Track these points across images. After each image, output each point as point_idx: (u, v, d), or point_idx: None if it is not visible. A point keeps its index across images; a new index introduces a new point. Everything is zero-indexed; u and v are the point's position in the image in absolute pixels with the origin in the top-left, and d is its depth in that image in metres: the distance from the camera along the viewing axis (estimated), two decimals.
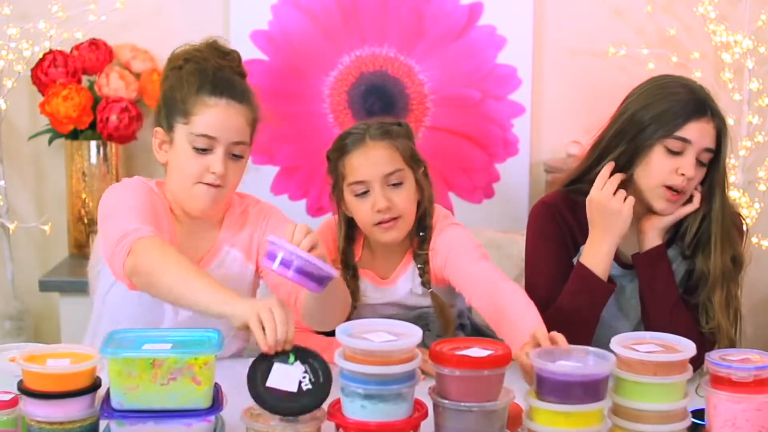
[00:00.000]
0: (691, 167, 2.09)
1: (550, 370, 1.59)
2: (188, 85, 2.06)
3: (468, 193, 3.16)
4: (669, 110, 2.11)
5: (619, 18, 3.13)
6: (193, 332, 1.72)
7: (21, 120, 3.15)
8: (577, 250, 2.22)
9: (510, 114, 3.12)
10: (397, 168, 2.22)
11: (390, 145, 2.23)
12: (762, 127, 3.05)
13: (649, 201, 2.16)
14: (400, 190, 2.22)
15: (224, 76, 2.09)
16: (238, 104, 2.07)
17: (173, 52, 2.16)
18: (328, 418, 1.62)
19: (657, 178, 2.12)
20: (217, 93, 2.05)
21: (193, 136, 2.03)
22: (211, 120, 2.03)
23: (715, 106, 2.15)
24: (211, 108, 2.04)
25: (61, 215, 3.10)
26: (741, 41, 2.98)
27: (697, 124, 2.10)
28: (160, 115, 2.11)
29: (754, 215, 3.01)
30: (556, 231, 2.22)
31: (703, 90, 2.17)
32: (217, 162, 2.03)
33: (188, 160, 2.04)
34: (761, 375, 1.63)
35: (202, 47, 2.13)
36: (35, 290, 2.97)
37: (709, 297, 2.16)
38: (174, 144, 2.07)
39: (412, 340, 1.63)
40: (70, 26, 3.03)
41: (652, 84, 2.19)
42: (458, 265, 2.20)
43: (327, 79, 3.11)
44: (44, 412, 1.61)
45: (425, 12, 3.08)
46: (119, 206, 2.01)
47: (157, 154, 2.12)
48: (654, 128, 2.11)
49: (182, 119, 2.05)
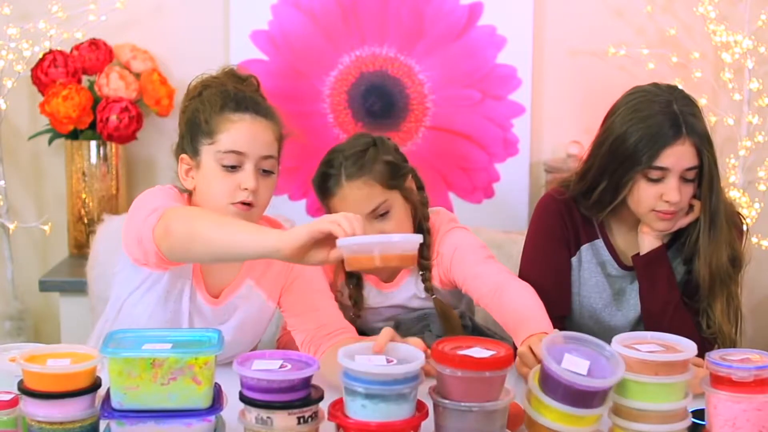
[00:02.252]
0: (674, 192, 2.07)
1: (556, 371, 1.59)
2: (211, 105, 2.01)
3: (468, 193, 3.16)
4: (642, 141, 2.06)
5: (619, 18, 3.14)
6: (194, 332, 1.72)
7: (21, 120, 3.15)
8: (578, 250, 2.22)
9: (510, 114, 3.12)
10: (379, 202, 2.20)
11: (366, 183, 2.20)
12: (762, 127, 3.05)
13: (648, 223, 2.16)
14: (388, 219, 2.21)
15: (246, 94, 2.04)
16: (264, 119, 2.02)
17: (190, 84, 2.11)
18: (329, 418, 1.62)
19: (644, 205, 2.11)
20: (242, 109, 2.00)
21: (220, 154, 1.97)
22: (237, 135, 1.98)
23: (692, 120, 2.07)
24: (237, 123, 1.99)
25: (61, 215, 3.10)
26: (741, 41, 2.98)
27: (672, 150, 2.06)
28: (184, 142, 2.05)
29: (754, 215, 3.01)
30: (559, 227, 2.22)
31: (679, 102, 2.09)
32: (249, 177, 1.97)
33: (218, 180, 1.98)
34: (761, 375, 1.63)
35: (220, 75, 2.09)
36: (35, 290, 2.97)
37: (710, 303, 2.15)
38: (201, 167, 2.00)
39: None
40: (70, 26, 3.03)
41: (628, 104, 2.13)
42: (464, 266, 2.21)
43: (327, 79, 3.11)
44: (44, 412, 1.61)
45: (425, 12, 3.08)
46: (151, 196, 1.97)
47: (184, 182, 2.05)
48: (630, 163, 2.08)
49: (208, 140, 1.99)
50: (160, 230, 1.82)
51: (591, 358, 1.62)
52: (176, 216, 1.81)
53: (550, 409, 1.60)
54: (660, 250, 2.17)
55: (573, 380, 1.57)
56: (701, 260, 2.14)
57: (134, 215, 1.93)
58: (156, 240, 1.83)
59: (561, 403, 1.58)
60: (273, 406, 1.59)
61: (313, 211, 3.13)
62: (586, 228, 2.22)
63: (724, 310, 2.14)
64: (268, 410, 1.59)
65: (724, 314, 2.14)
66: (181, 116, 2.10)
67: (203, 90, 2.06)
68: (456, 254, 2.23)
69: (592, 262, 2.22)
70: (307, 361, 1.65)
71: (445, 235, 2.28)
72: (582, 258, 2.22)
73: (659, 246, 2.17)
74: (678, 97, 2.11)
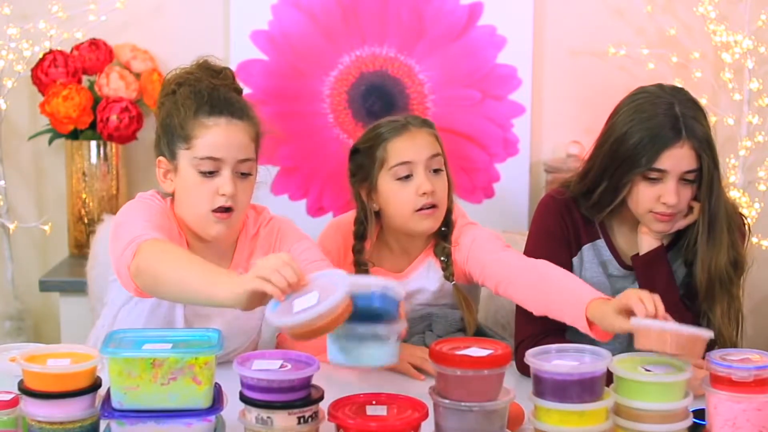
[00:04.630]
0: (672, 194, 2.06)
1: (546, 370, 1.60)
2: (185, 108, 1.99)
3: (468, 193, 3.15)
4: (642, 142, 2.06)
5: (619, 18, 3.14)
6: (194, 332, 1.73)
7: (21, 120, 3.15)
8: (579, 248, 2.22)
9: (510, 114, 3.12)
10: (439, 151, 2.28)
11: (431, 132, 2.31)
12: (762, 127, 3.05)
13: (646, 224, 2.16)
14: (439, 177, 2.27)
15: (221, 94, 2.02)
16: (239, 121, 2.01)
17: (165, 77, 2.10)
18: (329, 418, 1.63)
19: (643, 206, 2.11)
20: (216, 112, 1.99)
21: (197, 160, 1.97)
22: (213, 141, 1.97)
23: (692, 123, 2.07)
24: (212, 128, 1.98)
25: (61, 215, 3.10)
26: (741, 41, 2.98)
27: (670, 152, 2.05)
28: (161, 144, 2.04)
29: (754, 215, 3.01)
30: (560, 227, 2.22)
31: (682, 104, 2.09)
32: (226, 183, 1.97)
33: (196, 186, 1.98)
34: (761, 375, 1.63)
35: (194, 69, 2.07)
36: (35, 290, 2.97)
37: (710, 306, 2.15)
38: (179, 171, 2.00)
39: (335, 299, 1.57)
40: (70, 26, 3.03)
41: (630, 105, 2.12)
42: (482, 255, 2.22)
43: (327, 79, 3.11)
44: (45, 412, 1.61)
45: (425, 12, 3.08)
46: (131, 217, 1.97)
47: (162, 185, 2.05)
48: (630, 164, 2.08)
49: (184, 144, 1.99)
50: (134, 268, 1.84)
51: (578, 360, 1.65)
52: (146, 256, 1.82)
53: (549, 411, 1.60)
54: (659, 251, 2.16)
55: (557, 371, 1.59)
56: (699, 264, 2.14)
57: (115, 242, 1.94)
58: (131, 277, 1.85)
59: (555, 402, 1.59)
60: (273, 406, 1.60)
61: (314, 211, 3.13)
62: (587, 228, 2.21)
63: (725, 313, 2.14)
64: (268, 410, 1.60)
65: (725, 317, 2.13)
66: (157, 113, 2.09)
67: (177, 88, 2.04)
68: (474, 245, 2.25)
69: (594, 262, 2.22)
70: (307, 361, 1.66)
71: (463, 227, 2.31)
72: (583, 258, 2.22)
73: (658, 246, 2.16)
74: (681, 99, 2.10)
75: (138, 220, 1.95)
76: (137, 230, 1.89)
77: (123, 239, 1.89)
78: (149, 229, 1.90)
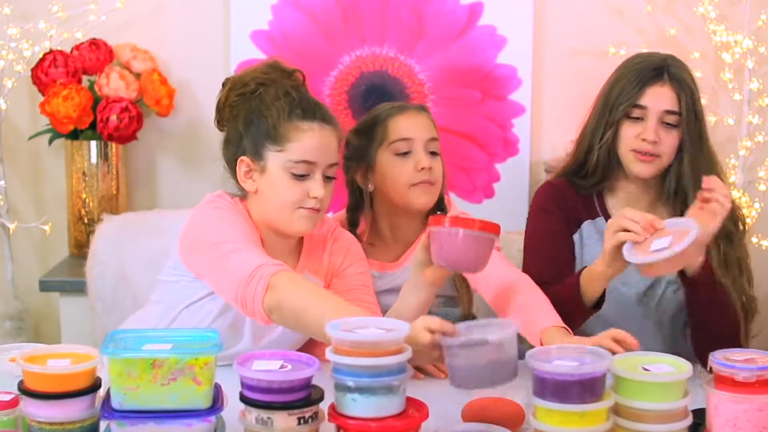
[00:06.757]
0: (651, 131, 2.17)
1: (547, 370, 1.59)
2: (278, 111, 2.02)
3: (468, 193, 3.16)
4: (626, 81, 2.21)
5: (619, 18, 3.14)
6: (194, 332, 1.72)
7: (21, 120, 3.15)
8: (578, 227, 2.24)
9: (510, 114, 3.12)
10: (436, 137, 2.33)
11: (429, 118, 2.37)
12: (762, 127, 3.05)
13: (627, 167, 2.23)
14: (436, 159, 2.31)
15: (309, 98, 2.07)
16: (329, 126, 2.05)
17: (233, 77, 2.11)
18: (329, 419, 1.63)
19: (625, 145, 2.21)
20: (309, 116, 2.03)
21: (291, 163, 2.00)
22: (308, 145, 2.01)
23: (676, 71, 2.21)
24: (307, 132, 2.02)
25: (61, 215, 3.10)
26: (741, 41, 2.99)
27: (651, 89, 2.19)
28: (242, 143, 2.05)
29: (754, 215, 3.01)
30: (558, 207, 2.26)
31: (669, 57, 2.25)
32: (317, 187, 2.01)
33: (286, 187, 2.01)
34: (764, 375, 1.63)
35: (267, 69, 2.09)
36: (35, 290, 2.97)
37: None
38: (267, 172, 2.03)
39: (401, 333, 1.62)
40: (70, 26, 3.03)
41: (623, 62, 2.30)
42: None
43: (327, 79, 3.11)
44: (44, 412, 1.61)
45: (425, 12, 3.08)
46: (222, 231, 1.99)
47: (243, 183, 2.06)
48: (617, 103, 2.21)
49: (275, 146, 2.01)
50: (271, 302, 1.86)
51: (579, 360, 1.64)
52: (288, 290, 1.85)
53: (550, 412, 1.60)
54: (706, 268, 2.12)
55: (557, 371, 1.59)
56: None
57: (219, 263, 1.95)
58: (266, 310, 1.88)
59: (556, 402, 1.59)
60: (273, 406, 1.59)
61: None
62: (586, 206, 2.27)
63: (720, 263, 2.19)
64: (268, 411, 1.60)
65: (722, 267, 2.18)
66: (229, 111, 2.09)
67: (259, 88, 2.06)
68: None
69: (593, 238, 2.25)
70: (307, 362, 1.66)
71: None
72: (583, 234, 2.27)
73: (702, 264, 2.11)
74: (672, 58, 2.26)
75: (230, 227, 1.99)
76: (250, 258, 1.91)
77: (239, 266, 1.91)
78: (261, 255, 1.93)
